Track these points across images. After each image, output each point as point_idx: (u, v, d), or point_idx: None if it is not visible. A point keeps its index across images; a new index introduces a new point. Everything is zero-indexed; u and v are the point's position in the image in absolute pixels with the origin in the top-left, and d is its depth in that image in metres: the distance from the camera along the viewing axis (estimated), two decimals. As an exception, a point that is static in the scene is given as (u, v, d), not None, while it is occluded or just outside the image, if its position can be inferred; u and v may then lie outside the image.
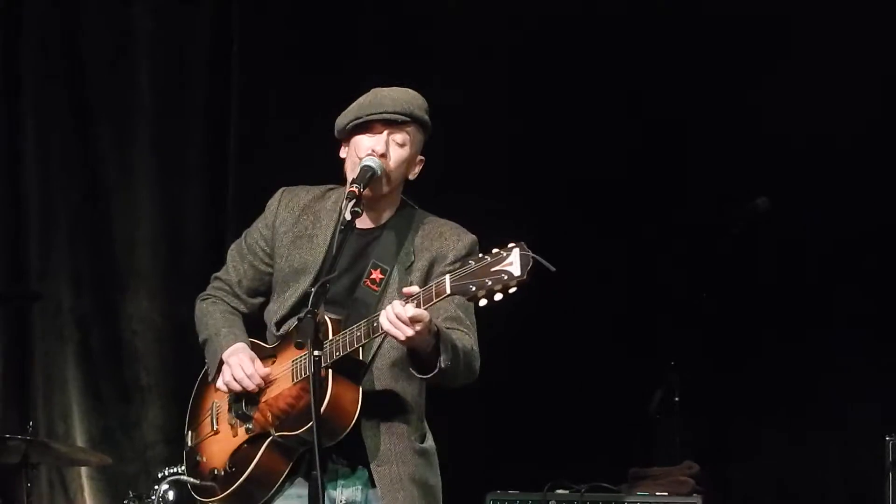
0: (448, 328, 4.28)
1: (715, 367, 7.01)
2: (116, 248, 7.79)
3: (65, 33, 7.78)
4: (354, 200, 4.25)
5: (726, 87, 7.17)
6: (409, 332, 4.07)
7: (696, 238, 6.90)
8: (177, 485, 6.27)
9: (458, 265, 4.18)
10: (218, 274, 4.75)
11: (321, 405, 4.15)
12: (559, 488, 6.37)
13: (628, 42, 7.33)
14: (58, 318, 7.68)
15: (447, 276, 4.03)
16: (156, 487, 6.30)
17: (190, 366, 7.64)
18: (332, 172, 4.64)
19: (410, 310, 4.05)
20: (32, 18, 7.72)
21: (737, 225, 6.62)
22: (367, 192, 4.33)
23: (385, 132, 4.39)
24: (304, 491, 4.27)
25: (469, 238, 4.48)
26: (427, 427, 4.53)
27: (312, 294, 4.11)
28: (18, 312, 7.64)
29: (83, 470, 7.52)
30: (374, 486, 4.40)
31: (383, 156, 4.37)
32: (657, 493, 6.28)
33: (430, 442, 4.51)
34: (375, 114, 4.38)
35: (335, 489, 4.40)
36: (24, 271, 7.66)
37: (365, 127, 4.40)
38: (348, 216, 4.25)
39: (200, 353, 5.98)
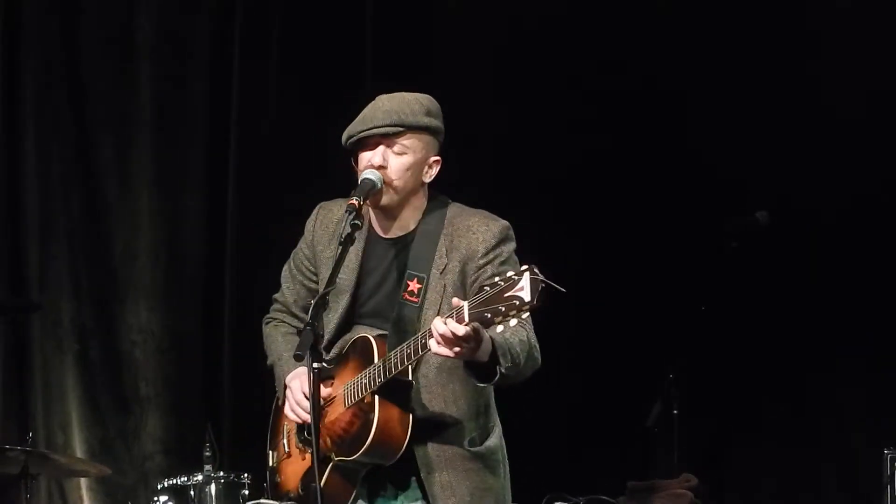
0: None
1: (714, 381, 7.01)
2: (116, 259, 7.79)
3: (64, 44, 7.79)
4: (354, 213, 4.25)
5: (729, 92, 7.18)
6: (458, 348, 4.03)
7: (696, 251, 6.90)
8: (175, 496, 6.32)
9: (485, 276, 4.21)
10: (276, 296, 4.78)
11: (369, 438, 4.24)
12: (557, 501, 6.37)
13: (628, 45, 7.34)
14: (57, 328, 7.68)
15: (465, 304, 3.99)
16: (155, 499, 6.34)
17: (189, 377, 7.73)
18: (334, 184, 4.66)
19: (458, 328, 3.99)
20: (32, 28, 7.73)
21: (736, 238, 6.62)
22: (380, 202, 4.37)
23: (381, 145, 4.39)
24: None
25: (499, 225, 4.43)
26: (493, 424, 4.51)
27: (312, 307, 4.13)
28: (18, 323, 7.64)
29: (82, 481, 7.53)
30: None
31: (382, 167, 4.37)
32: (655, 506, 6.30)
33: (491, 441, 4.48)
34: (366, 130, 4.38)
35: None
36: (24, 282, 7.66)
37: (363, 142, 4.41)
38: (348, 229, 4.25)
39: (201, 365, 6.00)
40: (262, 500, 5.08)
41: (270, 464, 4.73)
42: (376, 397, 4.28)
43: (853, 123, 6.98)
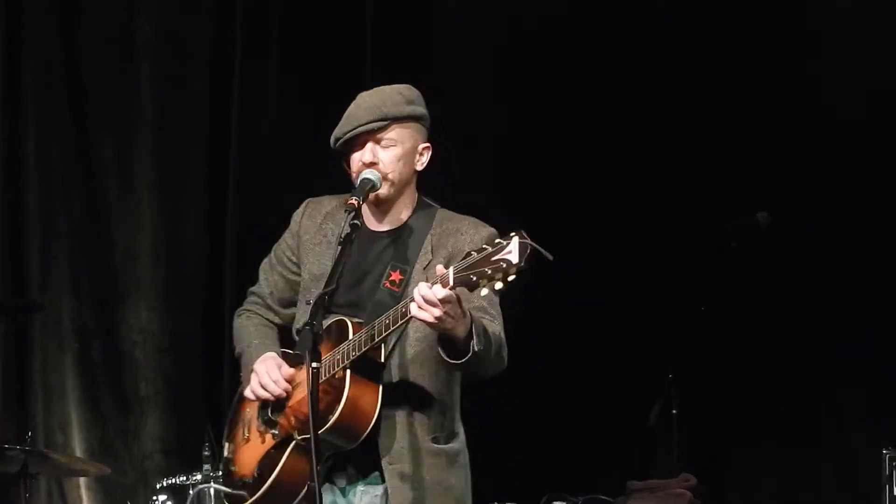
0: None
1: (713, 381, 7.01)
2: (116, 259, 7.80)
3: (65, 45, 7.80)
4: (353, 213, 4.26)
5: (729, 92, 7.17)
6: (438, 312, 4.03)
7: (696, 251, 6.90)
8: (175, 495, 6.32)
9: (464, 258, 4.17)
10: (252, 288, 4.76)
11: (337, 411, 4.19)
12: (556, 500, 6.37)
13: (630, 45, 7.34)
14: (58, 328, 7.69)
15: (451, 269, 4.02)
16: (154, 498, 6.34)
17: (189, 377, 7.73)
18: (334, 184, 4.67)
19: (440, 291, 4.00)
20: (32, 29, 7.74)
21: (737, 238, 6.62)
22: (376, 197, 4.38)
23: (368, 142, 4.40)
24: (328, 497, 4.34)
25: (487, 231, 4.43)
26: (457, 430, 4.50)
27: (311, 305, 4.14)
28: (18, 323, 7.65)
29: (82, 480, 7.53)
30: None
31: (373, 164, 4.39)
32: (654, 506, 6.30)
33: (456, 443, 4.47)
34: (351, 130, 4.41)
35: (354, 495, 4.41)
36: (25, 282, 7.67)
37: (351, 142, 4.43)
38: (348, 229, 4.26)
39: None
40: (213, 484, 4.99)
41: (225, 454, 4.68)
42: (348, 372, 4.25)
43: (853, 123, 6.98)
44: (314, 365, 4.05)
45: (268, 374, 4.45)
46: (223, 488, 4.63)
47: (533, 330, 6.69)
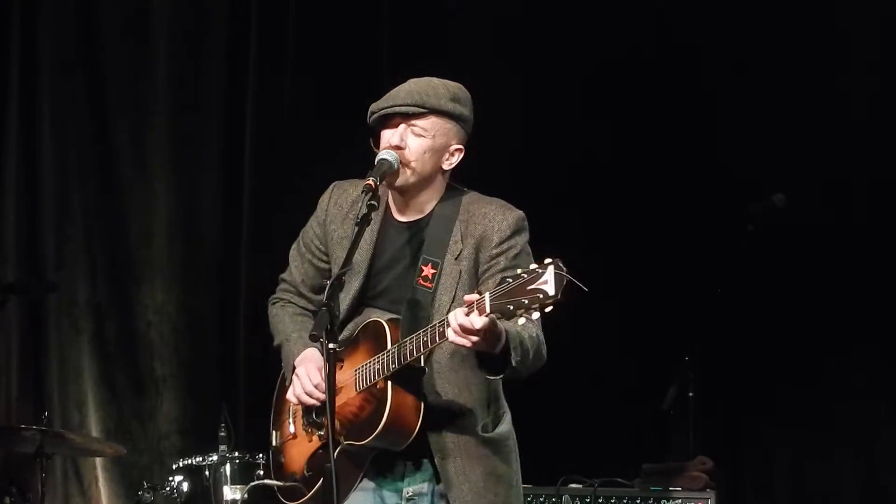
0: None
1: (729, 364, 7.00)
2: (132, 239, 7.82)
3: (81, 26, 7.80)
4: (371, 194, 4.25)
5: (750, 79, 7.15)
6: (475, 339, 4.05)
7: (713, 234, 6.89)
8: (191, 476, 6.33)
9: (498, 268, 4.20)
10: (283, 275, 4.75)
11: (381, 424, 4.23)
12: (572, 482, 6.38)
13: (644, 34, 7.32)
14: (73, 309, 7.72)
15: (487, 295, 4.00)
16: (170, 479, 6.36)
17: (204, 357, 7.75)
18: (350, 165, 4.65)
19: (477, 321, 4.00)
20: (49, 10, 7.75)
21: (753, 221, 6.61)
22: (395, 183, 4.37)
23: (402, 124, 4.39)
24: (369, 485, 4.41)
25: (514, 215, 4.44)
26: (503, 410, 4.52)
27: (328, 287, 4.14)
28: (34, 303, 7.68)
29: (98, 460, 7.57)
30: (439, 480, 4.41)
31: (400, 147, 4.37)
32: (670, 489, 6.29)
33: (502, 428, 4.49)
34: (387, 107, 4.40)
35: (402, 483, 4.44)
36: (40, 262, 7.70)
37: (386, 119, 4.41)
38: (365, 209, 4.24)
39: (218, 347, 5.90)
40: (265, 481, 5.05)
41: (273, 443, 4.72)
42: (389, 383, 4.27)
43: (872, 105, 6.97)
44: (331, 346, 4.04)
45: (308, 379, 4.44)
46: (276, 483, 4.66)
47: (550, 315, 6.68)
